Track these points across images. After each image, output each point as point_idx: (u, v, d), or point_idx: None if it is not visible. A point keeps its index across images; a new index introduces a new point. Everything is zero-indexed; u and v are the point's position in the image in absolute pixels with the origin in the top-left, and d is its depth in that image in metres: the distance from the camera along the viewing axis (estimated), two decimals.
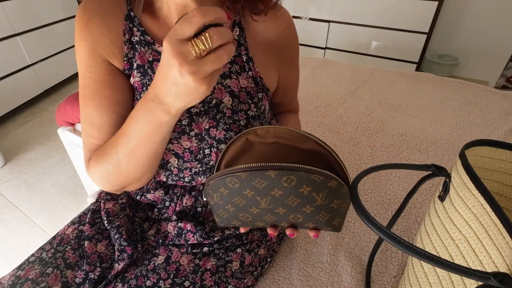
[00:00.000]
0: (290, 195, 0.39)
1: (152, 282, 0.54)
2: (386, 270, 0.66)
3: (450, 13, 2.27)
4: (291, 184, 0.38)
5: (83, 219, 0.65)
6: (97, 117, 0.52)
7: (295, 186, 0.38)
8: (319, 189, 0.38)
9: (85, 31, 0.50)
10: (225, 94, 0.54)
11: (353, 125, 1.16)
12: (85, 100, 0.52)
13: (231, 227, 0.62)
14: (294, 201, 0.39)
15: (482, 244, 0.34)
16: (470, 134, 1.12)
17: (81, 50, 0.51)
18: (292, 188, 0.38)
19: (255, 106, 0.57)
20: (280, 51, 0.61)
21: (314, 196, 0.39)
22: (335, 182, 0.38)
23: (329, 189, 0.38)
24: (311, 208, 0.40)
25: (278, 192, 0.39)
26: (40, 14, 2.25)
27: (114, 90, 0.52)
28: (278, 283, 0.64)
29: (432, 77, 1.51)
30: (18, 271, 0.55)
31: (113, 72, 0.52)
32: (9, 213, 1.52)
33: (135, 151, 0.46)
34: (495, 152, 0.45)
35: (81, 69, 0.52)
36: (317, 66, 1.61)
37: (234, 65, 0.55)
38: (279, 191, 0.39)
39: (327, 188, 0.38)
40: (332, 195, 0.39)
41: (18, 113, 2.25)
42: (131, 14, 0.51)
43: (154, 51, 0.53)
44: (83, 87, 0.52)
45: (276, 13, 0.58)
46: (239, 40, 0.56)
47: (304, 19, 2.56)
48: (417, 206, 0.82)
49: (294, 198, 0.39)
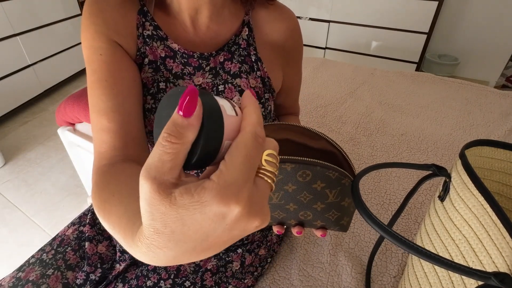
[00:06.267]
0: (303, 191, 0.39)
1: (153, 282, 0.54)
2: (386, 270, 0.67)
3: (450, 13, 2.27)
4: (306, 179, 0.38)
5: (83, 220, 0.65)
6: (107, 100, 0.47)
7: (310, 181, 0.38)
8: (332, 186, 0.38)
9: (96, 17, 0.48)
10: (235, 93, 0.54)
11: (353, 125, 1.16)
12: (94, 84, 0.47)
13: None
14: (307, 197, 0.39)
15: (482, 244, 0.34)
16: (470, 134, 1.12)
17: (89, 35, 0.48)
18: (306, 183, 0.38)
19: (263, 106, 0.57)
20: (286, 53, 0.61)
21: (327, 193, 0.39)
22: (348, 180, 0.38)
23: (342, 186, 0.38)
24: (322, 205, 0.40)
25: (291, 187, 0.39)
26: (40, 14, 2.25)
27: (127, 73, 0.49)
28: (278, 283, 0.64)
29: (432, 77, 1.51)
30: (18, 272, 0.55)
31: (126, 57, 0.50)
32: (9, 213, 1.52)
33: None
34: (495, 152, 0.45)
35: (89, 54, 0.48)
36: (317, 66, 1.61)
37: (244, 65, 0.56)
38: (292, 185, 0.39)
39: (340, 186, 0.38)
40: (344, 193, 0.39)
41: (18, 113, 2.25)
42: (144, 9, 0.51)
43: (167, 47, 0.52)
44: (92, 73, 0.48)
45: (284, 15, 0.59)
46: (248, 40, 0.56)
47: (304, 19, 2.56)
48: (417, 206, 0.82)
49: (307, 194, 0.39)
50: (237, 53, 0.56)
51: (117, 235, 0.27)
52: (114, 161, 0.44)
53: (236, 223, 0.20)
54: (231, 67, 0.55)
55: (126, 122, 0.47)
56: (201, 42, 0.55)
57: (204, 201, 0.19)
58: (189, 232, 0.19)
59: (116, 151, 0.45)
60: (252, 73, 0.56)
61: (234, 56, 0.55)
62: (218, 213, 0.19)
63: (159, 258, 0.20)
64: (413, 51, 2.29)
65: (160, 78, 0.52)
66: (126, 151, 0.46)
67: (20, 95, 2.18)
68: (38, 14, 2.23)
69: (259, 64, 0.56)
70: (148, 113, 0.52)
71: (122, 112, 0.47)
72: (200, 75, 0.54)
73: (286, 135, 0.41)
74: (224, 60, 0.55)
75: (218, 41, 0.55)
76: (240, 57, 0.56)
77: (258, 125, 0.22)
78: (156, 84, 0.52)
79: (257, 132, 0.21)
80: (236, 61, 0.55)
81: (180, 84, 0.53)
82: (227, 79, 0.55)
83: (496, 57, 2.28)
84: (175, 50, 0.53)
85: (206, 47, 0.55)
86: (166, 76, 0.52)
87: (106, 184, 0.38)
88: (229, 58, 0.55)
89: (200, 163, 0.21)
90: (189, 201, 0.18)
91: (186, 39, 0.54)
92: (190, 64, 0.53)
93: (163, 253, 0.20)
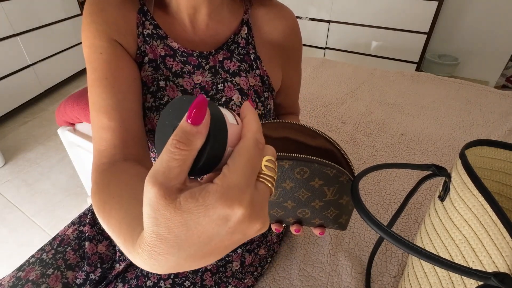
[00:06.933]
0: (301, 188, 0.39)
1: (153, 282, 0.54)
2: (386, 270, 0.66)
3: (450, 13, 2.27)
4: (303, 176, 0.38)
5: (83, 219, 0.65)
6: (107, 98, 0.46)
7: (307, 179, 0.38)
8: (330, 183, 0.38)
9: (96, 16, 0.48)
10: (235, 91, 0.54)
11: (353, 125, 1.16)
12: (95, 82, 0.47)
13: None
14: (305, 194, 0.39)
15: (482, 244, 0.34)
16: (470, 134, 1.12)
17: (90, 34, 0.48)
18: (304, 181, 0.38)
19: (262, 105, 0.57)
20: (285, 52, 0.61)
21: (325, 190, 0.39)
22: (347, 177, 0.38)
23: (340, 184, 0.38)
24: (320, 203, 0.40)
25: (289, 184, 0.39)
26: (40, 14, 2.25)
27: (127, 71, 0.49)
28: (278, 283, 0.64)
29: (432, 77, 1.51)
30: (18, 272, 0.55)
31: (126, 56, 0.50)
32: (9, 213, 1.52)
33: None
34: (495, 152, 0.45)
35: (90, 53, 0.48)
36: (317, 66, 1.61)
37: (243, 63, 0.56)
38: (290, 183, 0.39)
39: (338, 183, 0.38)
40: (342, 191, 0.39)
41: (18, 113, 2.25)
42: (144, 8, 0.52)
43: (167, 46, 0.53)
44: (93, 71, 0.48)
45: (283, 13, 0.59)
46: (247, 38, 0.56)
47: (304, 19, 2.56)
48: (417, 206, 0.82)
49: (305, 191, 0.39)
50: (236, 51, 0.56)
51: (117, 239, 0.27)
52: (114, 159, 0.44)
53: (239, 225, 0.20)
54: (230, 65, 0.55)
55: (126, 120, 0.47)
56: (200, 41, 0.55)
57: (208, 204, 0.19)
58: (193, 236, 0.19)
59: (116, 149, 0.45)
60: (251, 72, 0.56)
61: (234, 55, 0.55)
62: (222, 216, 0.19)
63: (160, 265, 0.20)
64: (413, 51, 2.29)
65: (160, 77, 0.52)
66: (126, 149, 0.46)
67: (20, 95, 2.19)
68: (38, 14, 2.23)
69: (258, 63, 0.56)
70: (148, 112, 0.52)
71: (122, 110, 0.47)
72: (200, 73, 0.54)
73: (285, 133, 0.41)
74: (224, 58, 0.55)
75: (218, 39, 0.56)
76: (239, 56, 0.56)
77: (258, 132, 0.23)
78: (156, 82, 0.52)
79: (258, 139, 0.23)
80: (235, 59, 0.55)
81: (179, 82, 0.53)
82: (226, 77, 0.55)
83: (496, 57, 2.28)
84: (175, 49, 0.53)
85: (206, 45, 0.55)
86: (166, 75, 0.52)
87: (107, 184, 0.38)
88: (229, 56, 0.55)
89: (205, 169, 0.21)
90: (194, 205, 0.19)
91: (185, 38, 0.54)
92: (190, 63, 0.53)
93: (165, 259, 0.20)
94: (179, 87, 0.53)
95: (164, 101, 0.51)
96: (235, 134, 0.23)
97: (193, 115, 0.19)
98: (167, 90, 0.52)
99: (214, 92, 0.54)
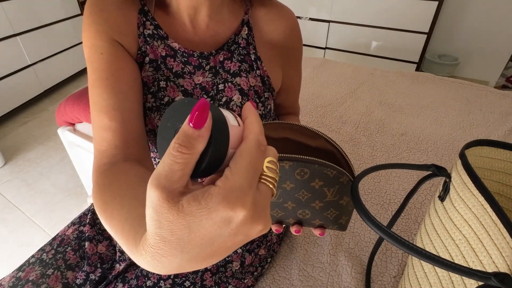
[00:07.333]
0: (301, 189, 0.39)
1: (153, 282, 0.54)
2: (386, 270, 0.66)
3: (450, 13, 2.27)
4: (303, 177, 0.38)
5: (83, 219, 0.65)
6: (108, 98, 0.46)
7: (308, 180, 0.38)
8: (330, 184, 0.38)
9: (97, 16, 0.48)
10: (235, 92, 0.54)
11: (353, 125, 1.16)
12: (95, 83, 0.47)
13: None
14: (305, 195, 0.39)
15: (483, 244, 0.34)
16: (470, 134, 1.12)
17: (90, 34, 0.48)
18: (304, 182, 0.38)
19: (262, 105, 0.57)
20: (285, 52, 0.61)
21: (325, 191, 0.39)
22: (347, 178, 0.38)
23: (340, 184, 0.38)
24: (320, 203, 0.40)
25: (289, 185, 0.39)
26: (40, 14, 2.25)
27: (127, 72, 0.49)
28: (278, 283, 0.64)
29: (432, 77, 1.51)
30: (18, 272, 0.55)
31: (126, 56, 0.50)
32: (9, 213, 1.52)
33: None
34: (495, 152, 0.45)
35: (90, 53, 0.48)
36: (317, 66, 1.61)
37: (244, 64, 0.56)
38: (291, 183, 0.39)
39: (338, 184, 0.38)
40: (342, 191, 0.39)
41: (18, 113, 2.25)
42: (144, 8, 0.52)
43: (167, 46, 0.53)
44: (93, 71, 0.48)
45: (283, 14, 0.59)
46: (247, 39, 0.56)
47: (304, 19, 2.56)
48: (417, 206, 0.82)
49: (305, 192, 0.39)
50: (236, 52, 0.56)
51: (119, 240, 0.27)
52: (115, 159, 0.44)
53: (241, 227, 0.20)
54: (230, 66, 0.55)
55: (127, 121, 0.47)
56: (200, 41, 0.55)
57: (210, 207, 0.19)
58: (196, 239, 0.19)
59: (117, 149, 0.45)
60: (252, 72, 0.56)
61: (234, 55, 0.55)
62: (225, 218, 0.19)
63: (163, 266, 0.20)
64: (413, 51, 2.29)
65: (161, 77, 0.52)
66: (126, 149, 0.46)
67: (20, 95, 2.18)
68: (38, 14, 2.23)
69: (258, 63, 0.56)
70: (149, 112, 0.52)
71: (123, 111, 0.47)
72: (200, 74, 0.54)
73: (285, 133, 0.42)
74: (224, 59, 0.55)
75: (218, 40, 0.56)
76: (239, 56, 0.56)
77: (260, 134, 0.23)
78: (156, 83, 0.52)
79: (260, 140, 0.23)
80: (235, 60, 0.55)
81: (180, 83, 0.53)
82: (227, 78, 0.55)
83: (496, 57, 2.28)
84: (176, 49, 0.53)
85: (206, 46, 0.55)
86: (167, 75, 0.52)
87: (108, 185, 0.38)
88: (229, 57, 0.55)
89: (207, 172, 0.21)
90: (196, 208, 0.19)
91: (186, 38, 0.54)
92: (190, 63, 0.53)
93: (168, 261, 0.20)
94: (180, 88, 0.53)
95: (164, 101, 0.51)
96: (236, 136, 0.22)
97: (195, 118, 0.19)
98: (167, 90, 0.52)
99: (214, 92, 0.54)
